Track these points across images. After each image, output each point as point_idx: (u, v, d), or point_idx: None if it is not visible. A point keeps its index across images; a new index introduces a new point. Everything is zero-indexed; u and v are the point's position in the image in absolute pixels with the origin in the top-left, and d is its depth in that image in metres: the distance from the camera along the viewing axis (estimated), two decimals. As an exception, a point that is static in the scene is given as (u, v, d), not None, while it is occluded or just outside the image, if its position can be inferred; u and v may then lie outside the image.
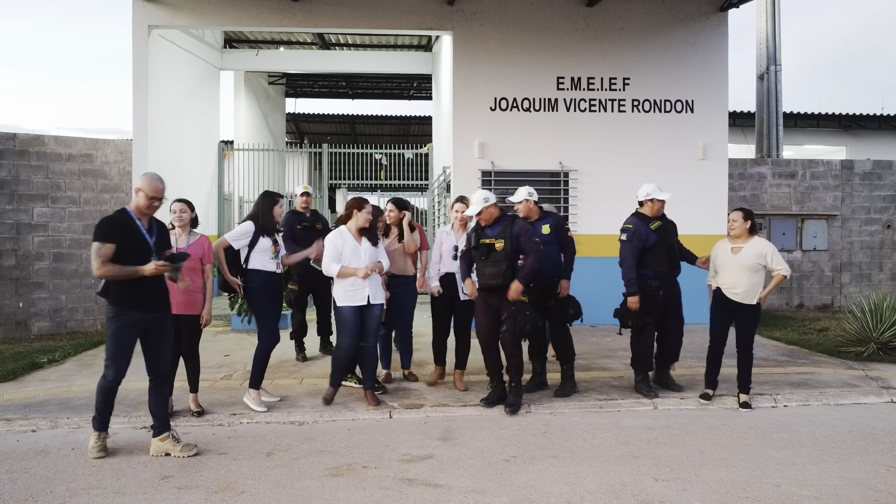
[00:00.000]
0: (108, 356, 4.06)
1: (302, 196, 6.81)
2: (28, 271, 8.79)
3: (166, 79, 9.67)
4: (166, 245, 4.25)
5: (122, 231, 3.97)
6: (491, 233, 5.01)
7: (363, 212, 5.08)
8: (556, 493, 3.61)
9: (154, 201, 4.05)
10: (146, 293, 4.05)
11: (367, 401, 5.20)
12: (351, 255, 5.06)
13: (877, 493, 3.61)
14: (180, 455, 4.11)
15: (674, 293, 5.57)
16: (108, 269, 3.89)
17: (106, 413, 4.16)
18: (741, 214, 5.23)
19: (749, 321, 5.23)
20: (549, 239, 5.50)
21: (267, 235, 5.16)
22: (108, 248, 3.89)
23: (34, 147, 8.88)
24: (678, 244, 5.66)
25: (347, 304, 5.07)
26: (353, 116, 18.79)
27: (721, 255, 5.27)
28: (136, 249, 3.98)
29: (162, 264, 3.96)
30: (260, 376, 5.18)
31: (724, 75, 9.31)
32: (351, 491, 3.63)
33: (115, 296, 3.99)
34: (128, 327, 4.02)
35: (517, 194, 5.64)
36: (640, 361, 5.58)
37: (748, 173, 11.04)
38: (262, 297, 5.15)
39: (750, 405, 5.27)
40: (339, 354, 5.20)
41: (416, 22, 8.93)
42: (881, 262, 11.29)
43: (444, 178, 10.48)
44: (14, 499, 3.53)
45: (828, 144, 18.49)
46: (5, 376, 6.14)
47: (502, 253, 4.89)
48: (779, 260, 5.14)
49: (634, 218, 5.52)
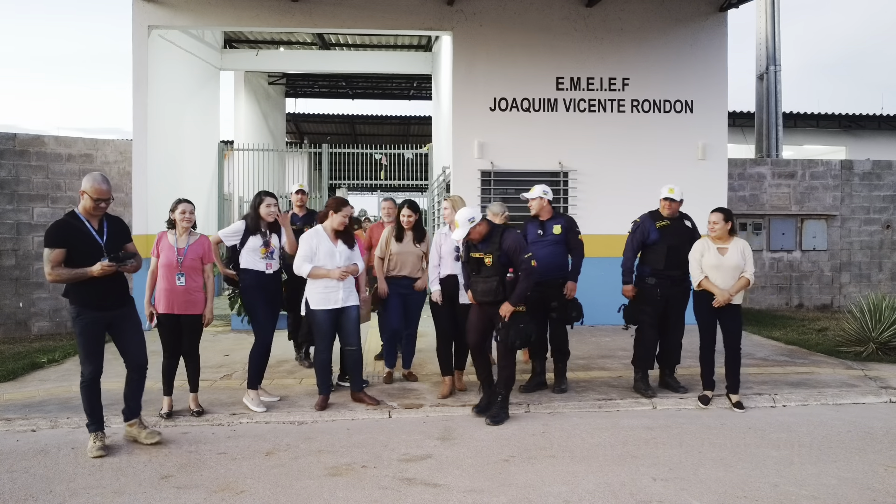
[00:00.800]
0: (81, 355, 4.20)
1: (297, 194, 6.61)
2: (28, 271, 8.80)
3: (166, 79, 9.67)
4: (121, 241, 4.27)
5: (70, 234, 4.07)
6: (481, 247, 4.83)
7: (339, 214, 5.04)
8: (555, 492, 3.62)
9: (99, 203, 4.11)
10: (104, 292, 4.15)
11: (365, 402, 5.20)
12: (325, 257, 5.00)
13: (875, 493, 3.62)
14: (145, 441, 4.33)
15: (675, 295, 5.56)
16: (58, 274, 4.00)
17: (96, 412, 4.23)
18: (721, 216, 5.22)
19: (734, 321, 5.23)
20: (558, 239, 5.56)
21: (254, 234, 5.15)
22: (58, 253, 4.01)
23: (34, 147, 8.89)
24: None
25: (321, 307, 5.01)
26: (353, 116, 18.79)
27: (709, 256, 5.23)
28: (87, 251, 4.07)
29: (107, 265, 4.05)
30: (258, 376, 5.19)
31: (723, 75, 9.31)
32: (350, 490, 3.64)
33: (75, 296, 4.12)
34: (91, 325, 4.14)
35: (533, 191, 5.65)
36: (639, 359, 5.61)
37: (748, 173, 11.04)
38: (255, 296, 5.16)
39: (742, 405, 5.26)
40: (319, 358, 5.16)
41: (415, 22, 8.94)
42: (881, 262, 11.30)
43: (443, 178, 10.48)
44: (14, 498, 3.54)
45: (827, 144, 18.48)
46: (5, 376, 6.15)
47: (492, 268, 4.76)
48: (751, 264, 5.18)
49: (646, 213, 5.68)
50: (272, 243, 5.21)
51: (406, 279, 5.78)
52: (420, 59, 13.29)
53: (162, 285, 4.81)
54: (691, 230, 5.64)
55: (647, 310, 5.52)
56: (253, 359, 5.16)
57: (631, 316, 5.63)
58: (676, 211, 5.63)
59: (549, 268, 5.43)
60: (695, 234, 5.63)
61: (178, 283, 4.77)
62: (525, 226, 5.74)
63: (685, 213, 5.73)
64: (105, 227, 4.21)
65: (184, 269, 4.79)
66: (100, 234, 4.16)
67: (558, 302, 5.49)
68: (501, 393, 4.94)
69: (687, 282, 5.56)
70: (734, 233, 5.29)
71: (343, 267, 5.01)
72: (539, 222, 5.66)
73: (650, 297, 5.51)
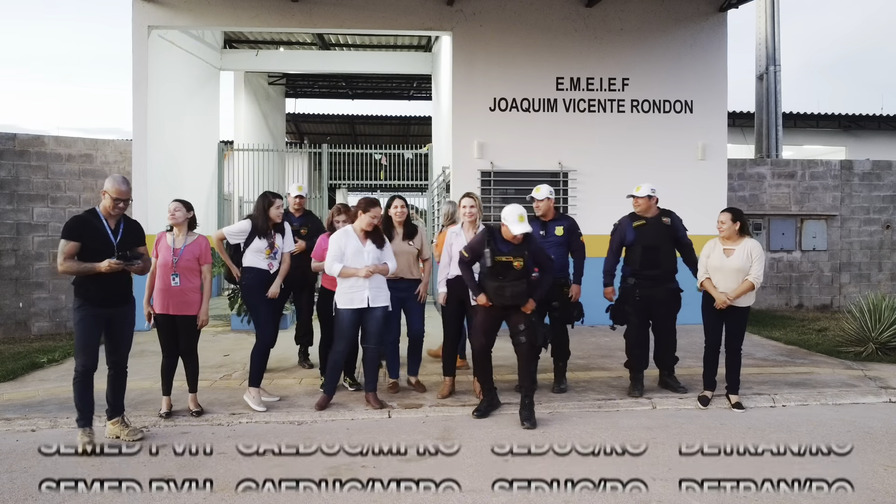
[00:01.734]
0: (77, 347, 4.29)
1: (295, 198, 6.55)
2: (28, 271, 8.81)
3: (166, 79, 9.67)
4: (134, 243, 4.40)
5: (86, 230, 4.20)
6: (506, 249, 4.73)
7: (367, 214, 5.04)
8: (554, 492, 3.62)
9: (118, 202, 4.25)
10: (109, 288, 4.27)
11: (370, 404, 5.19)
12: (353, 256, 5.02)
13: (874, 493, 3.62)
14: (127, 439, 4.41)
15: (658, 295, 5.47)
16: (68, 266, 4.14)
17: (86, 407, 4.29)
18: (729, 216, 5.15)
19: (738, 323, 5.18)
20: (560, 240, 5.54)
21: (262, 237, 5.19)
22: (72, 246, 4.14)
23: (34, 147, 8.89)
24: (686, 249, 5.58)
25: (347, 306, 5.04)
26: (353, 117, 18.79)
27: (714, 257, 5.19)
28: (99, 248, 4.19)
29: (115, 262, 4.15)
30: (258, 374, 5.20)
31: (723, 75, 9.32)
32: (349, 491, 3.64)
33: (80, 289, 4.24)
34: (91, 319, 4.23)
35: (540, 191, 5.57)
36: (628, 360, 5.64)
37: (747, 173, 11.05)
38: (256, 295, 5.18)
39: (742, 405, 5.26)
40: (335, 359, 5.17)
41: (415, 22, 8.95)
42: (880, 262, 11.30)
43: (443, 178, 10.49)
44: (13, 498, 3.54)
45: (827, 144, 18.48)
46: (5, 376, 6.15)
47: (522, 271, 4.72)
48: (758, 267, 5.03)
49: (626, 215, 5.67)
50: (276, 244, 5.25)
51: (403, 281, 5.49)
52: (420, 59, 13.29)
53: (158, 285, 4.84)
54: (671, 228, 5.52)
55: (629, 310, 5.53)
56: (254, 357, 5.17)
57: (617, 316, 5.62)
58: (652, 209, 5.53)
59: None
60: (676, 232, 5.52)
61: (173, 284, 4.77)
62: None
63: (667, 211, 5.63)
64: (121, 228, 4.34)
65: (179, 269, 4.79)
66: (115, 234, 4.29)
67: (559, 301, 5.48)
68: (529, 396, 4.84)
69: (673, 283, 5.50)
70: (745, 233, 5.16)
71: (371, 266, 5.00)
72: (541, 223, 5.61)
73: (629, 298, 5.51)
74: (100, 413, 4.68)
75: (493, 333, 4.97)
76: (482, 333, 4.91)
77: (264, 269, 5.19)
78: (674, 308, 5.57)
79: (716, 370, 5.38)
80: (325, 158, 12.69)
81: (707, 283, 5.21)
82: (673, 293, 5.53)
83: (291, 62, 13.68)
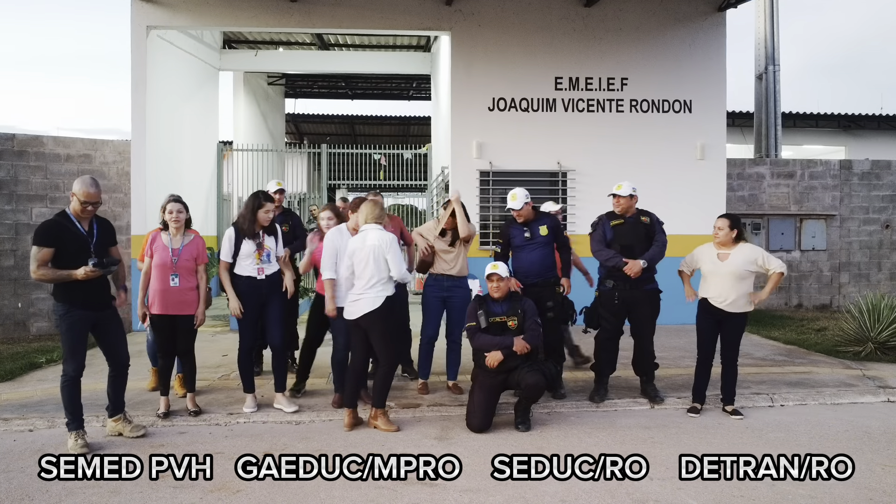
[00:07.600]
0: (65, 352, 4.26)
1: (274, 194, 5.78)
2: (27, 272, 8.72)
3: (165, 79, 9.67)
4: (109, 243, 4.35)
5: (59, 234, 4.11)
6: (500, 310, 4.79)
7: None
8: (552, 491, 3.62)
9: (87, 206, 4.16)
10: (90, 292, 4.20)
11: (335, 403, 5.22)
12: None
13: (872, 492, 3.61)
14: (130, 434, 4.43)
15: (637, 298, 5.27)
16: (43, 273, 4.06)
17: (76, 410, 4.27)
18: (727, 223, 4.96)
19: (735, 332, 5.02)
20: (547, 240, 5.41)
21: (249, 239, 4.93)
22: (46, 252, 4.05)
23: (33, 147, 8.89)
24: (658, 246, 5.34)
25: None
26: (353, 117, 18.80)
27: (707, 261, 5.03)
28: (75, 252, 4.12)
29: (91, 270, 4.08)
30: (247, 380, 5.11)
31: (722, 75, 9.32)
32: (346, 490, 3.64)
33: (63, 295, 4.16)
34: (76, 324, 4.18)
35: (516, 199, 5.31)
36: (594, 361, 5.51)
37: (746, 173, 11.04)
38: (242, 302, 4.93)
39: (740, 412, 5.10)
40: (336, 357, 5.19)
41: (414, 22, 8.95)
42: (880, 261, 11.29)
43: (442, 178, 10.49)
44: (10, 498, 3.54)
45: (827, 144, 18.48)
46: (3, 376, 6.15)
47: (516, 330, 4.74)
48: (771, 259, 4.92)
49: (604, 213, 5.49)
50: (266, 245, 5.01)
51: (452, 279, 5.49)
52: (419, 59, 13.29)
53: (156, 286, 4.75)
54: (649, 227, 5.33)
55: (605, 314, 5.33)
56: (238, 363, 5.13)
57: (591, 320, 5.45)
58: (631, 208, 5.34)
59: (543, 269, 5.34)
60: (654, 231, 5.32)
61: (172, 284, 4.74)
62: (508, 229, 5.50)
63: (644, 210, 5.44)
64: (95, 229, 4.27)
65: (178, 269, 4.76)
66: (90, 235, 4.21)
67: (553, 301, 5.43)
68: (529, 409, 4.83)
69: (652, 283, 5.30)
70: (741, 240, 5.01)
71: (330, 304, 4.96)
72: (525, 225, 5.43)
73: (607, 302, 5.32)
74: (100, 413, 4.69)
75: (493, 413, 4.76)
76: (482, 416, 4.67)
77: (251, 276, 4.93)
78: (654, 311, 5.35)
79: (706, 383, 5.17)
80: (325, 159, 12.68)
81: (684, 276, 5.18)
82: (652, 294, 5.33)
83: (291, 62, 13.67)
